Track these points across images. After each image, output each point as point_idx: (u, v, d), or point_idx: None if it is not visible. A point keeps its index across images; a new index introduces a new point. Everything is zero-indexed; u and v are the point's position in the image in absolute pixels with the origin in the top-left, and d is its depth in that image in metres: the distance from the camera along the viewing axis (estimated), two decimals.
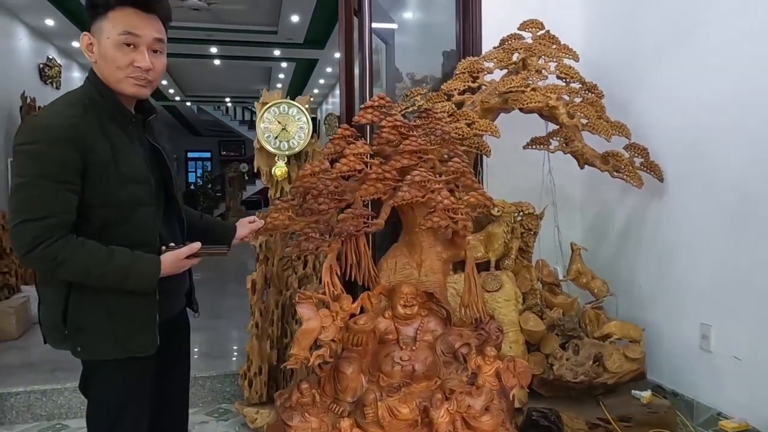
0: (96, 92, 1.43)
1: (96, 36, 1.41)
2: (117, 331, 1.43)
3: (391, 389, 1.75)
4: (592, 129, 2.49)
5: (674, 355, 2.61)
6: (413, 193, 1.81)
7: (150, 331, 1.47)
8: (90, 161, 1.36)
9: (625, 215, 2.96)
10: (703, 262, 2.45)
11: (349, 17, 3.06)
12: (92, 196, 1.38)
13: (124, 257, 1.39)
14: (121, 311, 1.43)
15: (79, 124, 1.36)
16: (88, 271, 1.37)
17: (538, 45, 2.67)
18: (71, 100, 1.43)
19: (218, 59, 10.12)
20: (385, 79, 4.95)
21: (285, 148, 2.54)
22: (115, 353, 1.44)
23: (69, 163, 1.33)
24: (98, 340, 1.43)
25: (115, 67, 1.43)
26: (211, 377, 2.88)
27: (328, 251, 1.82)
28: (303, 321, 1.72)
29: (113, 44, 1.41)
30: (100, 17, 1.40)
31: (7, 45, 6.71)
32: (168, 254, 1.45)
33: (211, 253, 1.53)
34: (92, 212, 1.39)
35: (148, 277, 1.42)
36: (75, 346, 1.42)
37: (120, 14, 1.41)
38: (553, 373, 2.33)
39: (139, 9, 1.43)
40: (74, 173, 1.35)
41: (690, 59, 2.52)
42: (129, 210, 1.42)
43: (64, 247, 1.33)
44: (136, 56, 1.43)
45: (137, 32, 1.43)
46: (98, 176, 1.37)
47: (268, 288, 2.62)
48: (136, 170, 1.44)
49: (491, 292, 2.46)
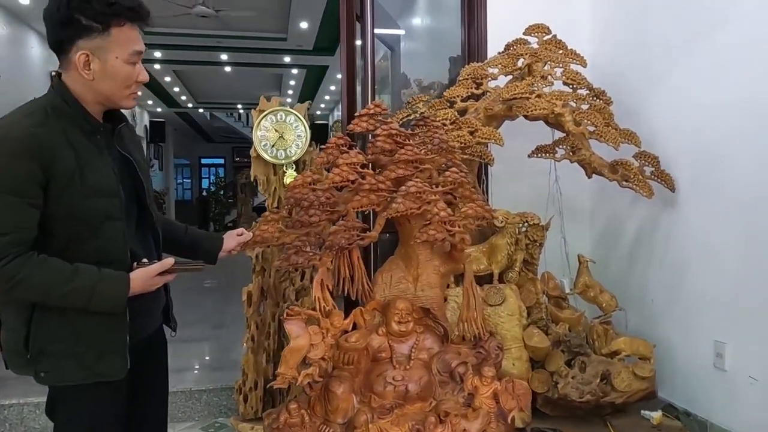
0: (61, 100, 1.36)
1: (96, 54, 1.34)
2: (84, 355, 1.35)
3: (383, 411, 1.67)
4: (599, 137, 2.40)
5: (687, 374, 2.49)
6: (408, 204, 1.73)
7: (120, 354, 1.39)
8: (53, 173, 1.29)
9: (636, 226, 2.85)
10: (717, 276, 2.34)
11: (351, 22, 3.00)
12: (56, 209, 1.30)
13: (89, 275, 1.31)
14: (88, 333, 1.35)
15: (39, 134, 1.29)
16: (49, 291, 1.29)
17: (543, 50, 2.58)
18: (30, 109, 1.36)
19: (229, 66, 10.15)
20: (391, 86, 4.89)
21: (282, 157, 2.48)
22: (81, 378, 1.36)
23: (29, 176, 1.26)
24: (63, 365, 1.35)
25: (122, 85, 1.40)
26: (208, 390, 2.82)
27: (319, 265, 1.75)
28: (291, 338, 1.64)
29: (124, 63, 1.38)
30: (98, 34, 1.33)
31: (18, 53, 6.78)
32: (138, 271, 1.38)
33: (185, 269, 1.46)
34: (56, 227, 1.32)
35: (115, 296, 1.34)
36: (38, 371, 1.35)
37: (125, 31, 1.37)
38: (557, 392, 2.23)
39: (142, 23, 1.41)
40: (35, 186, 1.27)
41: (702, 64, 2.42)
42: (97, 224, 1.35)
43: (22, 266, 1.26)
44: (139, 72, 1.43)
45: (141, 49, 1.42)
46: (62, 188, 1.30)
47: (265, 300, 2.55)
48: (104, 182, 1.37)
49: (494, 306, 2.37)
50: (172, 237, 1.68)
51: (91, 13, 1.32)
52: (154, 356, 1.60)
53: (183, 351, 3.44)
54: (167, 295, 1.64)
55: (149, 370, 1.57)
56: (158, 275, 1.41)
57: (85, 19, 1.32)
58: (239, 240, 1.79)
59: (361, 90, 3.04)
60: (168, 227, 1.69)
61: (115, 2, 1.34)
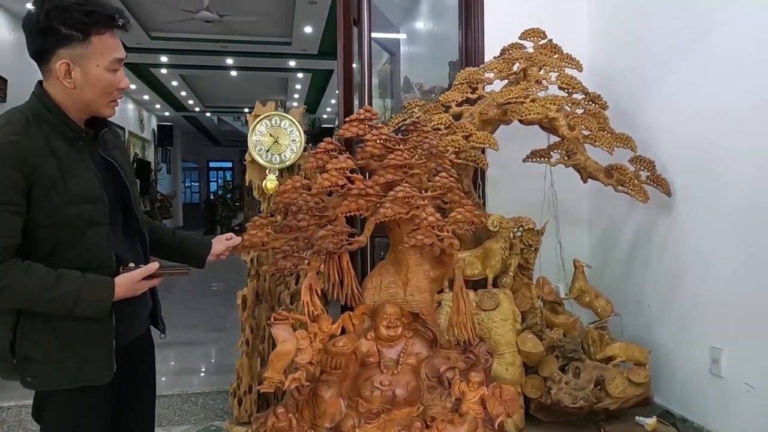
0: (42, 107, 1.37)
1: (77, 62, 1.34)
2: (69, 360, 1.36)
3: (370, 415, 1.67)
4: (593, 141, 2.39)
5: (683, 380, 2.47)
6: (396, 209, 1.73)
7: (105, 359, 1.40)
8: (34, 180, 1.29)
9: (633, 231, 2.84)
10: (713, 281, 2.32)
11: (348, 27, 3.02)
12: (39, 216, 1.31)
13: (73, 281, 1.32)
14: (73, 338, 1.36)
15: (19, 142, 1.30)
16: (33, 298, 1.30)
17: (539, 54, 2.58)
18: (11, 116, 1.37)
19: (234, 70, 10.22)
20: (390, 90, 4.90)
21: (277, 161, 2.50)
22: (67, 383, 1.37)
23: (9, 184, 1.27)
24: (49, 370, 1.36)
25: (103, 93, 1.40)
26: (204, 393, 2.83)
27: (308, 269, 1.75)
28: (278, 343, 1.65)
29: (105, 71, 1.38)
30: (78, 43, 1.33)
31: (26, 58, 6.81)
32: (122, 276, 1.39)
33: (171, 273, 1.47)
34: (40, 233, 1.33)
35: (99, 301, 1.35)
36: (24, 376, 1.36)
37: (105, 39, 1.37)
38: (550, 398, 2.22)
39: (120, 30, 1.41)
40: (16, 193, 1.28)
41: (699, 68, 2.40)
42: (81, 230, 1.36)
43: (6, 273, 1.27)
44: (120, 78, 1.43)
45: (122, 56, 1.42)
46: (44, 195, 1.31)
47: (260, 304, 2.56)
48: (86, 188, 1.38)
49: (488, 311, 2.36)
50: (160, 240, 1.69)
51: (70, 22, 1.32)
52: (141, 359, 1.61)
53: (182, 354, 3.46)
54: (155, 297, 1.64)
55: (136, 373, 1.57)
56: (143, 280, 1.41)
57: (65, 28, 1.32)
58: (228, 244, 1.79)
59: (358, 94, 3.06)
60: (155, 231, 1.70)
61: (94, 11, 1.34)
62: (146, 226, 1.61)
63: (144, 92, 12.04)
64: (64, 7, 1.32)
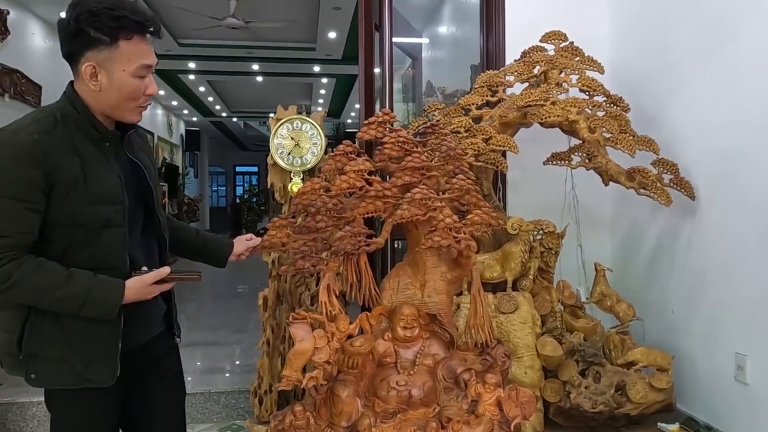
0: (71, 107, 1.40)
1: (103, 66, 1.37)
2: (74, 360, 1.37)
3: (386, 415, 1.68)
4: (614, 143, 2.37)
5: (708, 386, 2.43)
6: (413, 211, 1.75)
7: (110, 361, 1.41)
8: (56, 179, 1.32)
9: (656, 234, 2.80)
10: (738, 286, 2.27)
11: (369, 31, 3.05)
12: (57, 215, 1.33)
13: (83, 281, 1.33)
14: (79, 339, 1.37)
15: (43, 141, 1.32)
16: (42, 295, 1.31)
17: (559, 57, 2.57)
18: (39, 115, 1.39)
19: (260, 76, 10.36)
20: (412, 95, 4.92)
21: (298, 164, 2.54)
22: (70, 383, 1.38)
23: (29, 181, 1.29)
24: (53, 369, 1.37)
25: (128, 98, 1.42)
26: (226, 393, 2.88)
27: (326, 270, 1.78)
28: (295, 342, 1.67)
29: (132, 76, 1.39)
30: (105, 46, 1.36)
31: (60, 65, 7.03)
32: (134, 279, 1.40)
33: (182, 278, 1.47)
34: (56, 232, 1.35)
35: (108, 303, 1.35)
36: (28, 373, 1.38)
37: (133, 45, 1.39)
38: (570, 402, 2.20)
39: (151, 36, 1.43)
40: (36, 191, 1.30)
41: (722, 69, 2.37)
42: (96, 231, 1.37)
43: (18, 268, 1.29)
44: (148, 84, 1.44)
45: (150, 63, 1.43)
46: (65, 195, 1.33)
47: (281, 305, 2.60)
48: (107, 189, 1.40)
49: (506, 314, 2.36)
50: (184, 241, 1.72)
51: (99, 26, 1.34)
52: (156, 363, 1.61)
53: (206, 354, 3.52)
54: (170, 301, 1.65)
55: (145, 377, 1.57)
56: (154, 284, 1.42)
57: (93, 31, 1.35)
58: (248, 245, 1.83)
59: (379, 98, 3.08)
60: (179, 231, 1.73)
61: (123, 16, 1.36)
62: (167, 228, 1.62)
63: (172, 98, 12.29)
64: (94, 12, 1.34)
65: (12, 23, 5.54)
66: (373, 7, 3.05)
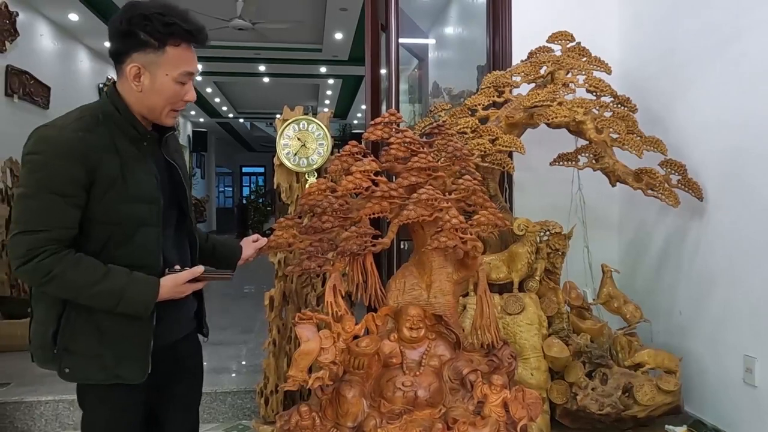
0: (112, 107, 1.43)
1: (148, 68, 1.40)
2: (106, 356, 1.40)
3: (391, 416, 1.67)
4: (621, 144, 2.36)
5: (716, 389, 2.41)
6: (419, 211, 1.74)
7: (141, 358, 1.43)
8: (97, 177, 1.35)
9: (664, 236, 2.78)
10: (747, 288, 2.26)
11: (375, 32, 3.05)
12: (96, 212, 1.36)
13: (119, 278, 1.36)
14: (113, 335, 1.40)
15: (87, 138, 1.35)
16: (80, 289, 1.33)
17: (566, 58, 2.56)
18: (83, 113, 1.42)
19: (267, 77, 10.39)
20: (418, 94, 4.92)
21: (304, 165, 2.54)
22: (101, 378, 1.40)
23: (72, 177, 1.32)
24: (85, 364, 1.40)
25: (167, 102, 1.45)
26: (232, 393, 2.88)
27: (332, 270, 1.78)
28: (301, 342, 1.67)
29: (174, 81, 1.43)
30: (153, 50, 1.39)
31: (69, 66, 7.12)
32: (168, 277, 1.42)
33: (214, 277, 1.49)
34: (94, 229, 1.37)
35: (143, 300, 1.38)
36: (62, 367, 1.40)
37: (179, 51, 1.42)
38: (576, 404, 2.19)
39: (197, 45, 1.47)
40: (78, 187, 1.33)
41: (731, 70, 2.35)
42: (132, 229, 1.40)
43: (57, 263, 1.31)
44: (188, 91, 1.48)
45: (193, 70, 1.47)
46: (104, 192, 1.36)
47: (287, 305, 2.60)
48: (144, 189, 1.42)
49: (513, 315, 2.35)
50: None
51: (150, 29, 1.38)
52: (181, 362, 1.62)
53: (212, 354, 3.53)
54: (201, 302, 1.67)
55: (174, 375, 1.59)
56: (187, 283, 1.44)
57: (144, 34, 1.38)
58: (255, 246, 1.83)
59: (385, 99, 3.08)
60: None
61: (174, 23, 1.39)
62: (197, 228, 1.66)
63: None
64: (147, 16, 1.38)
65: (21, 25, 5.58)
66: (379, 8, 3.06)
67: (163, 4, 1.42)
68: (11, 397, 2.78)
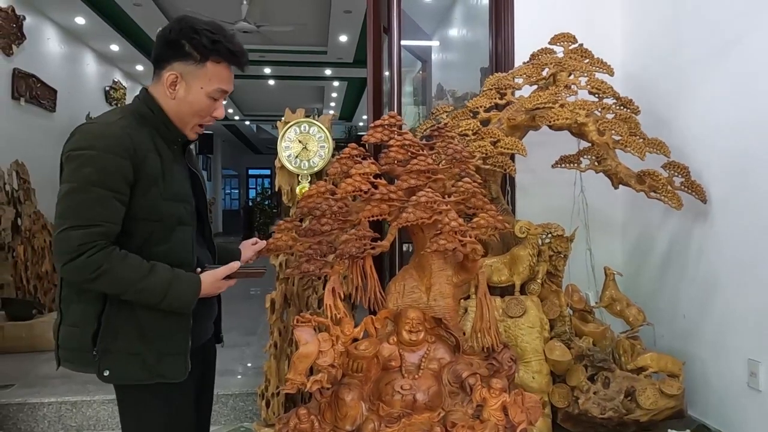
0: (146, 108, 1.46)
1: (185, 78, 1.44)
2: (147, 354, 1.39)
3: (390, 419, 1.67)
4: (623, 146, 2.34)
5: (720, 393, 2.39)
6: (418, 214, 1.73)
7: (182, 355, 1.44)
8: (141, 173, 1.37)
9: (668, 239, 2.76)
10: (751, 291, 2.24)
11: (377, 35, 3.05)
12: (138, 208, 1.38)
13: (164, 274, 1.37)
14: (154, 332, 1.40)
15: (133, 135, 1.38)
16: (128, 285, 1.34)
17: (568, 59, 2.55)
18: (123, 112, 1.46)
19: (272, 79, 10.41)
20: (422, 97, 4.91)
21: (305, 167, 2.54)
22: (143, 378, 1.40)
23: (121, 172, 1.34)
24: (126, 363, 1.39)
25: (196, 114, 1.49)
26: (234, 395, 2.88)
27: (331, 273, 1.77)
28: (300, 345, 1.67)
29: (206, 96, 1.47)
30: (194, 62, 1.43)
31: (75, 69, 7.17)
32: (207, 274, 1.45)
33: (248, 273, 1.53)
34: (135, 226, 1.39)
35: (186, 296, 1.40)
36: (101, 369, 1.38)
37: (218, 69, 1.46)
38: (578, 407, 2.18)
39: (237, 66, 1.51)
40: (125, 183, 1.35)
41: (735, 71, 2.34)
42: (170, 227, 1.42)
43: (107, 257, 1.31)
44: (217, 108, 1.52)
45: (228, 89, 1.51)
46: (146, 189, 1.38)
47: (288, 307, 2.60)
48: (181, 188, 1.47)
49: (514, 318, 2.34)
50: None
51: (196, 42, 1.42)
52: (206, 365, 1.64)
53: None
54: (219, 306, 1.70)
55: (200, 378, 1.61)
56: (224, 279, 1.47)
57: (189, 46, 1.43)
58: (255, 249, 1.83)
59: (387, 101, 3.08)
60: None
61: (220, 41, 1.44)
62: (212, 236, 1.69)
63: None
64: (196, 30, 1.43)
65: (28, 28, 5.62)
66: (381, 11, 3.06)
67: (214, 23, 1.48)
68: (14, 399, 2.79)
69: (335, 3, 6.18)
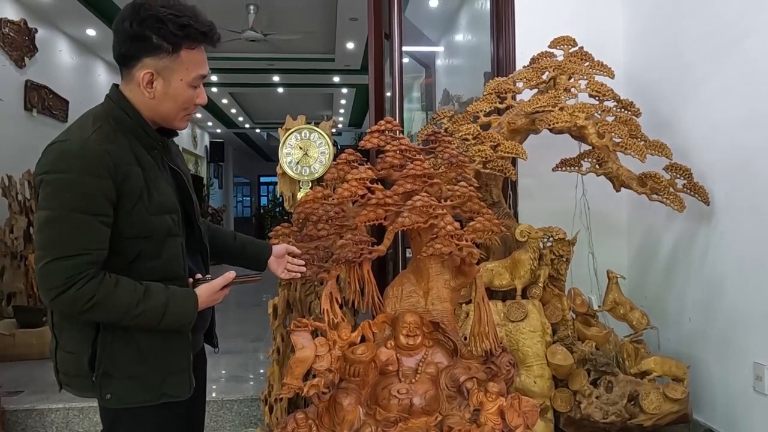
0: (121, 112, 1.33)
1: (162, 74, 1.32)
2: (150, 375, 1.33)
3: (387, 423, 1.67)
4: (624, 149, 2.33)
5: (726, 397, 2.36)
6: (414, 218, 1.74)
7: (185, 372, 1.38)
8: (124, 190, 1.27)
9: (673, 241, 2.74)
10: (756, 294, 2.21)
11: (378, 41, 3.07)
12: (124, 226, 1.28)
13: (159, 294, 1.29)
14: (154, 352, 1.33)
15: (112, 150, 1.26)
16: (123, 313, 1.26)
17: (568, 62, 2.55)
18: (96, 121, 1.31)
19: (281, 87, 10.49)
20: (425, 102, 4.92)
21: (306, 174, 2.56)
22: (149, 399, 1.33)
23: (103, 193, 1.23)
24: (129, 386, 1.31)
25: (181, 107, 1.39)
26: (239, 401, 2.89)
27: (328, 278, 1.78)
28: (296, 349, 1.68)
29: (187, 86, 1.36)
30: (167, 54, 1.30)
31: (87, 80, 7.28)
32: (203, 287, 1.39)
33: (244, 280, 1.47)
34: (122, 244, 1.29)
35: (186, 314, 1.33)
36: (104, 393, 1.30)
37: (193, 55, 1.34)
38: (580, 412, 2.16)
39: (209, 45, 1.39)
40: (108, 203, 1.25)
41: (736, 72, 2.32)
42: (161, 241, 1.33)
43: (98, 287, 1.22)
44: (199, 94, 1.41)
45: (206, 73, 1.40)
46: (131, 206, 1.28)
47: (291, 313, 2.61)
48: (167, 198, 1.36)
49: (516, 322, 2.33)
50: (222, 245, 1.68)
51: (164, 33, 1.28)
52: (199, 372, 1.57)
53: (219, 362, 3.55)
54: (212, 312, 1.64)
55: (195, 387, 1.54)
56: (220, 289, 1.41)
57: (157, 38, 1.29)
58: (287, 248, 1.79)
59: (389, 107, 3.09)
60: (217, 235, 1.69)
61: (189, 24, 1.30)
62: (206, 236, 1.59)
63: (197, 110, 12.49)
64: (160, 18, 1.28)
65: (40, 40, 5.72)
66: (383, 17, 3.07)
67: (173, 4, 1.32)
68: (23, 405, 2.83)
69: (341, 10, 6.22)
